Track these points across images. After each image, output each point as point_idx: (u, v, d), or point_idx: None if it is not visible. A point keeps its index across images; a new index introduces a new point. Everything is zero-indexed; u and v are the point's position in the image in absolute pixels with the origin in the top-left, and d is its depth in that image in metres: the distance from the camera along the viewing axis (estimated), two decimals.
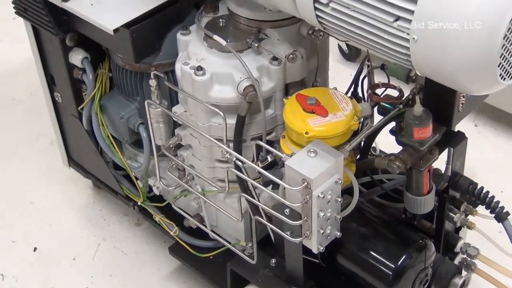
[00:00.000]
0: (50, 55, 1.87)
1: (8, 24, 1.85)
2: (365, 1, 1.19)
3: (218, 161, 1.67)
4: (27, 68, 2.19)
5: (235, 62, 1.52)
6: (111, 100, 1.84)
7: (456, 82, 1.17)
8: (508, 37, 1.10)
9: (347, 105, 1.47)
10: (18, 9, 1.79)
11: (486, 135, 2.34)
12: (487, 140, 2.33)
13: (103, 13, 1.61)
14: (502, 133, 2.34)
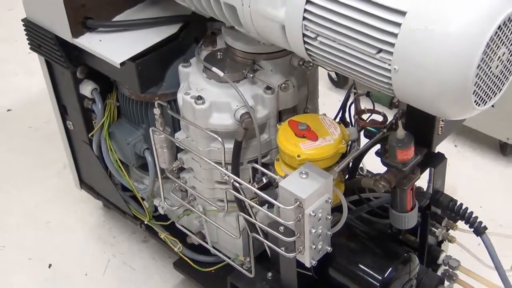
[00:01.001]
0: (62, 86, 1.87)
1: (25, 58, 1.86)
2: (350, 35, 1.19)
3: (218, 183, 1.66)
4: (42, 98, 2.19)
5: (232, 92, 1.53)
6: (118, 128, 1.84)
7: (435, 108, 1.17)
8: (481, 67, 1.10)
9: (335, 130, 1.47)
10: (32, 45, 1.80)
11: (465, 154, 2.34)
12: (466, 159, 2.33)
13: (111, 48, 1.62)
14: (480, 152, 2.34)
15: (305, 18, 1.24)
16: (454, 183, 2.17)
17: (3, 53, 3.02)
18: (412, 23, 1.11)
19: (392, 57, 1.14)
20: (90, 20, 1.65)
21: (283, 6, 1.27)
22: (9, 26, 3.10)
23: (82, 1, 1.62)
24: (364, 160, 1.64)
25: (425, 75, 1.11)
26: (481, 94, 1.14)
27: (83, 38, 1.65)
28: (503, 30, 1.11)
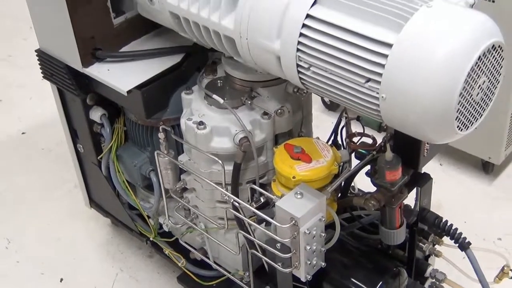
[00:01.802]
0: (73, 112, 1.87)
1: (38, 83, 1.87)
2: (340, 65, 1.20)
3: (218, 202, 1.66)
4: (54, 122, 2.19)
5: (232, 117, 1.53)
6: (126, 151, 1.84)
7: (420, 133, 1.18)
8: (463, 95, 1.11)
9: (328, 152, 1.47)
10: (45, 74, 1.80)
11: (450, 173, 2.34)
12: (451, 177, 2.33)
13: (118, 77, 1.62)
14: (464, 171, 2.35)
15: (299, 50, 1.25)
16: (440, 200, 2.17)
17: (19, 79, 3.03)
18: (398, 54, 1.12)
19: (380, 86, 1.14)
20: (99, 51, 1.65)
21: (278, 39, 1.28)
22: (24, 54, 3.12)
23: (91, 33, 1.62)
24: (356, 179, 1.65)
25: (411, 102, 1.11)
26: (463, 120, 1.15)
27: (92, 67, 1.65)
28: (483, 61, 1.12)
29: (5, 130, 2.72)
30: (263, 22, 1.29)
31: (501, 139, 2.15)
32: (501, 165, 2.29)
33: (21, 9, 1.75)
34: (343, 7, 1.20)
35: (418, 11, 1.13)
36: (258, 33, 1.31)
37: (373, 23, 1.16)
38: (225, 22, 1.37)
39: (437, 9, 1.13)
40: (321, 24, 1.21)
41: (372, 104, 1.19)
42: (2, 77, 3.05)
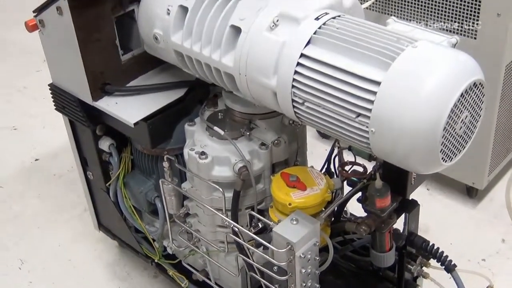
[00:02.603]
0: (83, 141, 1.87)
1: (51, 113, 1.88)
2: (333, 101, 1.21)
3: (219, 227, 1.65)
4: (65, 150, 2.20)
5: (232, 148, 1.53)
6: (132, 178, 1.84)
7: (407, 164, 1.18)
8: (447, 129, 1.12)
9: (321, 180, 1.47)
10: (57, 106, 1.80)
11: (437, 197, 2.34)
12: (437, 201, 2.33)
13: (126, 110, 1.62)
14: (450, 195, 2.34)
15: (294, 86, 1.26)
16: (427, 222, 2.17)
17: (33, 109, 3.03)
18: (386, 91, 1.13)
19: (369, 121, 1.15)
20: (108, 86, 1.65)
21: (274, 76, 1.29)
22: (37, 85, 3.13)
23: (101, 69, 1.63)
24: (348, 204, 1.64)
25: (398, 136, 1.12)
26: (447, 152, 1.15)
27: (102, 101, 1.66)
28: (465, 97, 1.13)
29: (20, 156, 2.72)
30: (260, 60, 1.30)
31: (484, 166, 2.15)
32: (484, 190, 2.29)
33: (35, 43, 1.75)
34: (335, 47, 1.22)
35: (404, 51, 1.14)
36: (256, 71, 1.32)
37: (363, 62, 1.17)
38: (225, 60, 1.38)
39: (422, 49, 1.15)
40: (314, 62, 1.23)
41: (362, 137, 1.19)
42: (18, 107, 3.06)
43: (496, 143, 2.13)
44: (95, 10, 1.56)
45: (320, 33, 1.24)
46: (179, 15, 1.47)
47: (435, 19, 1.96)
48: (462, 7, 1.89)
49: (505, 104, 2.07)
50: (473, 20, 1.89)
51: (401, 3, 2.01)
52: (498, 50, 1.90)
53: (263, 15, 1.32)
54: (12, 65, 3.36)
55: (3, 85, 3.21)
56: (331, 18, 1.27)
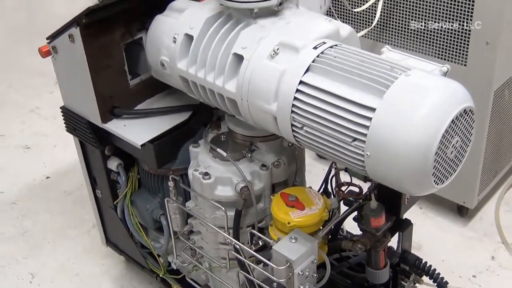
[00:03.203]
0: (92, 161, 1.87)
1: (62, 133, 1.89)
2: (330, 126, 1.21)
3: (221, 244, 1.65)
4: (75, 168, 2.20)
5: (234, 169, 1.53)
6: (139, 196, 1.84)
7: (400, 187, 1.18)
8: (438, 153, 1.12)
9: (319, 200, 1.47)
10: (68, 127, 1.81)
11: (429, 215, 2.34)
12: (430, 219, 2.33)
13: (133, 132, 1.63)
14: (442, 214, 2.34)
15: (293, 112, 1.26)
16: (420, 239, 2.17)
17: (45, 128, 3.04)
18: (381, 117, 1.13)
19: (365, 145, 1.15)
20: (117, 109, 1.66)
21: (275, 102, 1.29)
22: (49, 106, 3.15)
23: (110, 93, 1.64)
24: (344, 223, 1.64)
25: (392, 160, 1.12)
26: (439, 175, 1.15)
27: (110, 123, 1.66)
28: (456, 123, 1.13)
29: (32, 174, 2.73)
30: (262, 87, 1.31)
31: (474, 186, 2.15)
32: (475, 209, 2.29)
33: (47, 66, 1.76)
34: (332, 74, 1.22)
35: (398, 79, 1.15)
36: (257, 97, 1.32)
37: (359, 89, 1.18)
38: (228, 86, 1.38)
39: (414, 78, 1.15)
40: (312, 89, 1.23)
41: (358, 160, 1.19)
42: (30, 127, 3.07)
43: (485, 164, 2.13)
44: (105, 38, 1.57)
45: (318, 62, 1.25)
46: (184, 43, 1.47)
47: (427, 46, 1.97)
48: (453, 35, 1.90)
49: (493, 127, 2.08)
50: (463, 48, 1.90)
51: (395, 31, 2.03)
52: (487, 77, 1.91)
53: (264, 44, 1.33)
54: (26, 87, 3.38)
55: (17, 106, 3.22)
56: (329, 47, 1.28)
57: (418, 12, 1.94)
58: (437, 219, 2.32)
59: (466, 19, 1.85)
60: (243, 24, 1.41)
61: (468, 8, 1.83)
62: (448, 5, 1.86)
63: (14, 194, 2.62)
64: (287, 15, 1.41)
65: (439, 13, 1.90)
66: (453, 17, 1.87)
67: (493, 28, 1.81)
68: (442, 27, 1.91)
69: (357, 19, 2.10)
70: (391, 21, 2.01)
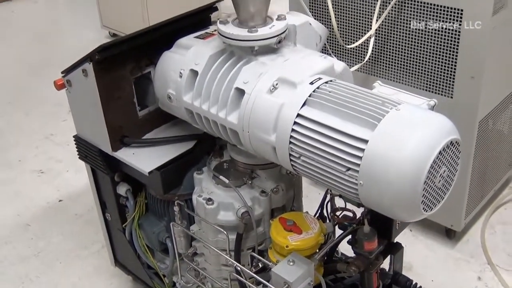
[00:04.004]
0: (103, 186, 1.87)
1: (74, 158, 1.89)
2: (325, 156, 1.21)
3: (223, 266, 1.64)
4: (86, 191, 2.20)
5: (235, 195, 1.54)
6: (146, 220, 1.83)
7: (391, 213, 1.18)
8: (427, 182, 1.12)
9: (315, 225, 1.47)
10: (81, 155, 1.81)
11: (419, 237, 2.33)
12: (419, 241, 2.32)
13: (141, 160, 1.63)
14: (431, 236, 2.33)
15: (291, 142, 1.27)
16: (411, 261, 2.16)
17: (58, 154, 3.04)
18: (373, 148, 1.14)
19: (358, 174, 1.16)
20: (126, 138, 1.67)
21: (274, 133, 1.30)
22: (63, 133, 3.15)
23: (120, 123, 1.64)
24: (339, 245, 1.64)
25: (384, 189, 1.13)
26: (428, 202, 1.15)
27: (120, 151, 1.67)
28: (443, 154, 1.13)
29: (45, 197, 2.72)
30: (262, 119, 1.31)
31: (461, 210, 2.15)
32: (462, 232, 2.28)
33: (61, 96, 1.76)
34: (327, 108, 1.23)
35: (389, 113, 1.16)
36: (257, 128, 1.33)
37: (352, 122, 1.19)
38: (231, 118, 1.39)
39: (404, 112, 1.16)
40: (309, 122, 1.24)
41: (352, 188, 1.20)
42: (45, 153, 3.07)
43: (471, 190, 2.13)
44: (116, 72, 1.58)
45: (315, 96, 1.26)
46: (190, 78, 1.48)
47: (416, 80, 1.99)
48: (440, 70, 1.92)
49: (478, 155, 2.08)
50: (449, 82, 1.92)
51: (386, 66, 2.04)
52: (472, 108, 1.92)
53: (264, 79, 1.34)
54: (42, 115, 3.39)
55: (33, 133, 3.23)
56: (324, 83, 1.29)
57: (407, 48, 1.96)
58: (426, 241, 2.31)
59: (452, 55, 1.86)
60: (244, 60, 1.42)
61: (453, 45, 1.85)
62: (435, 41, 1.88)
63: (28, 216, 2.61)
64: (285, 52, 1.42)
65: (426, 49, 1.91)
66: (440, 53, 1.89)
67: (477, 64, 1.83)
68: (429, 62, 1.93)
69: (350, 55, 2.12)
70: (382, 57, 2.03)
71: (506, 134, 2.27)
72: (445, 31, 1.84)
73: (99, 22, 4.23)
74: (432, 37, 1.88)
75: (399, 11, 1.92)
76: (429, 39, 1.89)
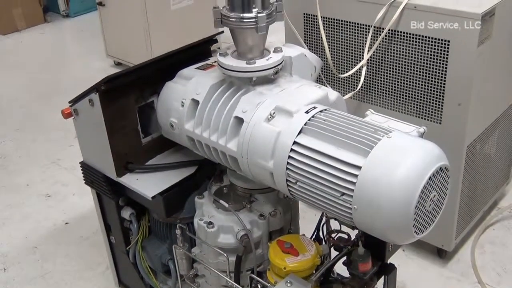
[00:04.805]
0: (107, 210, 1.87)
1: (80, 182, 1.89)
2: (320, 181, 1.22)
3: (224, 287, 1.63)
4: (92, 215, 2.19)
5: (235, 218, 1.54)
6: (149, 243, 1.83)
7: (384, 237, 1.19)
8: (418, 207, 1.13)
9: (312, 247, 1.47)
10: (87, 180, 1.82)
11: (411, 257, 2.32)
12: (412, 260, 2.31)
13: (145, 185, 1.63)
14: (423, 256, 2.32)
15: (288, 169, 1.28)
16: (403, 280, 2.14)
17: (64, 178, 3.04)
18: (366, 174, 1.14)
19: (352, 199, 1.16)
20: (130, 164, 1.67)
21: (271, 160, 1.31)
22: (69, 158, 3.15)
23: (125, 150, 1.65)
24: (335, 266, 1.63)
25: (377, 213, 1.13)
26: (419, 226, 1.16)
27: (125, 177, 1.67)
28: (433, 180, 1.14)
29: (52, 220, 2.71)
30: (260, 146, 1.32)
31: (451, 230, 2.15)
32: (453, 251, 2.28)
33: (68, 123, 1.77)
34: (322, 136, 1.24)
35: (381, 141, 1.17)
36: (256, 155, 1.34)
37: (346, 150, 1.20)
38: (230, 145, 1.40)
39: (395, 139, 1.17)
40: (305, 149, 1.25)
41: (346, 212, 1.20)
42: (52, 177, 3.07)
43: (461, 211, 2.13)
44: (121, 102, 1.60)
45: (310, 124, 1.27)
46: (191, 107, 1.50)
47: (407, 106, 2.00)
48: (429, 97, 1.93)
49: (467, 178, 2.09)
50: (438, 108, 1.93)
51: (377, 94, 2.06)
52: (460, 133, 1.93)
53: (262, 108, 1.35)
54: (50, 141, 3.39)
55: (41, 158, 3.23)
56: (319, 111, 1.31)
57: (398, 76, 1.98)
58: (418, 261, 2.30)
59: (440, 83, 1.88)
60: (243, 90, 1.43)
61: (441, 73, 1.86)
62: (424, 70, 1.90)
63: (36, 239, 2.60)
64: (282, 83, 1.44)
65: (416, 78, 1.93)
66: (428, 81, 1.91)
67: (463, 91, 1.84)
68: (419, 90, 1.94)
69: (344, 84, 2.13)
70: (374, 85, 2.05)
71: (493, 157, 2.28)
72: (433, 61, 1.86)
73: (104, 51, 4.25)
74: (421, 66, 1.90)
75: (389, 42, 1.94)
76: (418, 68, 1.91)
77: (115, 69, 4.20)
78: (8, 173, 3.11)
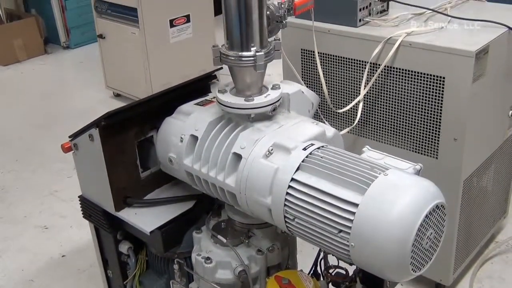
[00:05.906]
0: (105, 244, 1.86)
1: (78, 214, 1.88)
2: (318, 218, 1.23)
3: None
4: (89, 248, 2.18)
5: (232, 253, 1.53)
6: (147, 277, 1.82)
7: (382, 274, 1.19)
8: (415, 245, 1.13)
9: (309, 283, 1.47)
10: (85, 214, 1.81)
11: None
12: None
13: (143, 220, 1.63)
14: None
15: (286, 205, 1.28)
16: None
17: (62, 210, 3.03)
18: (363, 212, 1.15)
19: (349, 236, 1.17)
20: (129, 199, 1.67)
21: (269, 196, 1.31)
22: (67, 189, 3.15)
23: (123, 185, 1.65)
24: None
25: (374, 250, 1.13)
26: (416, 263, 1.16)
27: (123, 211, 1.67)
28: (429, 217, 1.15)
29: (49, 253, 2.70)
30: (258, 182, 1.33)
31: (449, 265, 2.15)
32: (451, 286, 2.27)
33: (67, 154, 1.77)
34: (320, 173, 1.25)
35: (377, 178, 1.18)
36: (254, 191, 1.34)
37: (343, 187, 1.21)
38: (228, 181, 1.41)
39: (392, 177, 1.18)
40: (303, 186, 1.26)
41: (343, 249, 1.20)
42: (49, 209, 3.06)
43: (458, 245, 2.14)
44: (121, 137, 1.61)
45: (307, 161, 1.28)
46: (190, 143, 1.51)
47: (403, 141, 2.02)
48: (425, 133, 1.95)
49: (464, 213, 2.09)
50: (434, 144, 1.95)
51: (374, 128, 2.08)
52: (456, 168, 1.94)
53: (260, 144, 1.37)
54: (47, 172, 3.40)
55: (38, 189, 3.23)
56: (316, 148, 1.32)
57: (394, 112, 2.00)
58: None
59: (436, 119, 1.90)
60: (241, 127, 1.45)
61: (437, 109, 1.89)
62: (420, 106, 1.92)
63: (32, 271, 2.58)
64: (280, 119, 1.46)
65: (412, 113, 1.96)
66: (424, 116, 1.93)
67: (459, 127, 1.86)
68: (415, 125, 1.96)
69: (341, 119, 2.16)
70: (371, 120, 2.07)
71: (490, 191, 2.29)
72: (429, 96, 1.89)
73: (103, 82, 4.29)
74: (417, 101, 1.92)
75: (385, 78, 1.97)
76: (414, 103, 1.93)
77: (115, 100, 4.23)
78: (6, 204, 3.11)
